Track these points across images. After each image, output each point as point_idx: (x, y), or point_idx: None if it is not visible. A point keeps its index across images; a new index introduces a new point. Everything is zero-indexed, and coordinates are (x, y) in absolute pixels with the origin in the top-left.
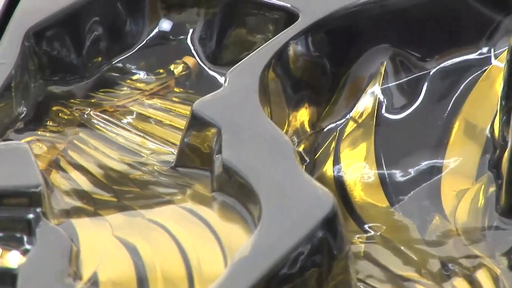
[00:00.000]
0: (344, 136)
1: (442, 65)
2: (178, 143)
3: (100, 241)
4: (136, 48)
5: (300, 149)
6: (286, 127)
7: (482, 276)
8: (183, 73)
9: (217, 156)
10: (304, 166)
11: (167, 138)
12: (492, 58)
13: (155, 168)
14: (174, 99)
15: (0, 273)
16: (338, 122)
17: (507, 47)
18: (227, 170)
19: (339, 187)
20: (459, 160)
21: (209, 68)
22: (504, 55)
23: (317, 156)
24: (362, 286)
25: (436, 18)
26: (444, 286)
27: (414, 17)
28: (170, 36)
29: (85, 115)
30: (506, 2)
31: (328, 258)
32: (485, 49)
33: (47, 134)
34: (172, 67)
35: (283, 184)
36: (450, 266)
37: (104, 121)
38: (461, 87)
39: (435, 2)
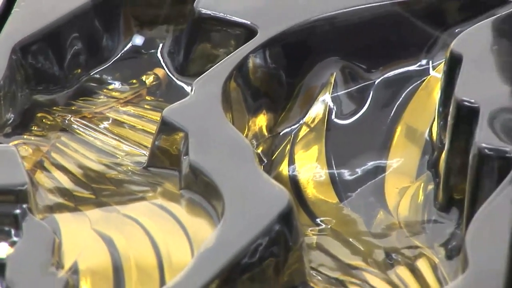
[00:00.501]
0: (298, 139)
1: (385, 75)
2: (149, 145)
3: (79, 234)
4: (112, 61)
5: (259, 151)
6: (246, 131)
7: (422, 264)
8: (154, 83)
9: (184, 157)
10: (262, 166)
11: (140, 141)
12: (431, 69)
13: (129, 168)
14: (146, 106)
15: None
16: (293, 127)
17: (444, 60)
18: (194, 170)
19: (294, 185)
20: (401, 161)
21: (177, 79)
22: (441, 67)
23: (274, 157)
24: (314, 273)
25: (380, 34)
26: (388, 274)
27: (360, 33)
28: (142, 50)
29: (66, 121)
30: (442, 19)
31: (284, 249)
32: (424, 61)
33: (32, 138)
34: (144, 77)
35: (244, 182)
36: (394, 255)
37: (83, 126)
38: (403, 96)
39: (379, 19)
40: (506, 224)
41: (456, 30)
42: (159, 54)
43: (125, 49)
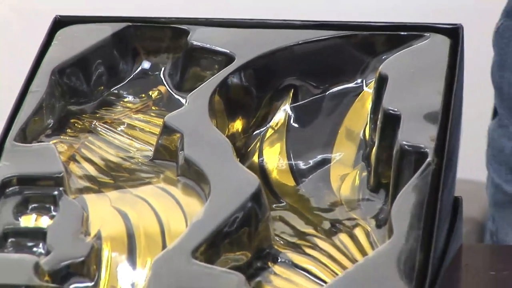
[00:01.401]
0: (265, 138)
1: (331, 91)
2: (154, 143)
3: (102, 210)
4: (127, 80)
5: (236, 147)
6: (226, 133)
7: (358, 232)
8: (158, 97)
9: (180, 152)
10: (238, 159)
11: (148, 140)
12: (364, 86)
13: (139, 160)
14: (152, 114)
15: (36, 231)
16: (262, 129)
17: (374, 79)
18: (187, 162)
19: (262, 172)
20: (342, 155)
21: (175, 94)
22: (372, 84)
23: (247, 152)
24: (277, 239)
25: (327, 60)
26: (333, 239)
27: (312, 59)
28: (149, 72)
29: (92, 125)
30: (373, 49)
31: (255, 221)
32: (359, 80)
33: (67, 138)
34: (150, 93)
35: (225, 171)
36: (337, 225)
37: (105, 129)
38: (344, 106)
39: (326, 49)
40: (421, 201)
41: (383, 57)
42: (161, 75)
43: (136, 71)
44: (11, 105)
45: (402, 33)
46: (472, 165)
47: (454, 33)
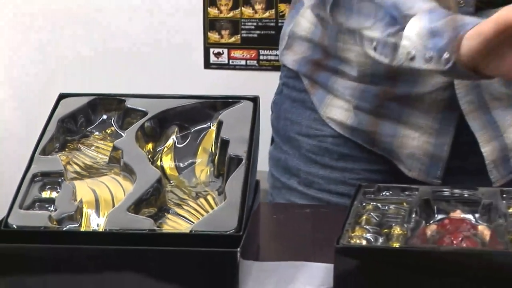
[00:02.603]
0: (163, 152)
1: (195, 128)
2: (109, 155)
3: (82, 188)
4: (94, 125)
5: (149, 156)
6: (144, 150)
7: (209, 198)
8: (110, 132)
9: (121, 159)
10: (150, 162)
11: (106, 154)
12: (211, 126)
13: (102, 164)
14: (108, 140)
15: (49, 200)
16: (161, 148)
17: (216, 122)
18: (125, 164)
19: (161, 169)
20: (201, 160)
21: (119, 131)
22: (215, 125)
23: (154, 159)
24: (169, 201)
25: (192, 113)
26: (197, 201)
27: (186, 112)
28: (106, 120)
29: (78, 147)
30: (215, 107)
31: (158, 192)
32: (209, 123)
33: (65, 153)
34: (107, 130)
35: (143, 168)
36: (199, 194)
37: (84, 148)
38: (202, 135)
39: (193, 108)
40: (240, 182)
41: (220, 112)
42: (112, 122)
43: (100, 120)
44: (39, 131)
45: (230, 100)
46: (263, 166)
47: (254, 100)
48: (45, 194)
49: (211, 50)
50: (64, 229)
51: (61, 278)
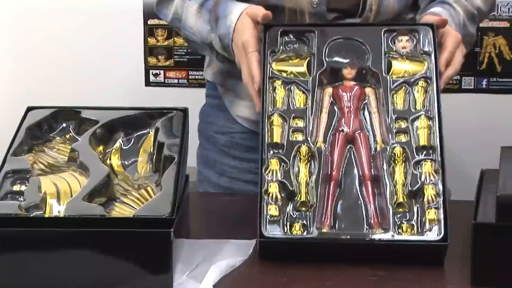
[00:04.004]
0: (112, 153)
1: (137, 133)
2: (68, 155)
3: (46, 183)
4: (56, 131)
5: (100, 156)
6: (95, 151)
7: (149, 189)
8: (69, 137)
9: (78, 159)
10: (100, 161)
11: (65, 154)
12: (151, 131)
13: (62, 163)
14: (67, 144)
15: (19, 192)
16: (110, 149)
17: (154, 130)
18: (81, 163)
19: (111, 167)
20: (141, 158)
21: (76, 136)
22: (153, 132)
23: (104, 159)
24: (117, 192)
25: (135, 121)
26: (139, 192)
27: (129, 122)
28: (65, 128)
29: (42, 149)
30: (154, 117)
31: (107, 185)
32: (148, 129)
33: (32, 154)
34: (66, 136)
35: (95, 165)
36: (140, 186)
37: (48, 150)
38: (142, 140)
39: (135, 117)
40: (172, 176)
41: (158, 120)
42: (70, 129)
43: (61, 127)
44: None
45: (165, 111)
46: (192, 163)
47: (184, 111)
48: (16, 188)
49: (151, 71)
50: (31, 215)
51: (29, 256)
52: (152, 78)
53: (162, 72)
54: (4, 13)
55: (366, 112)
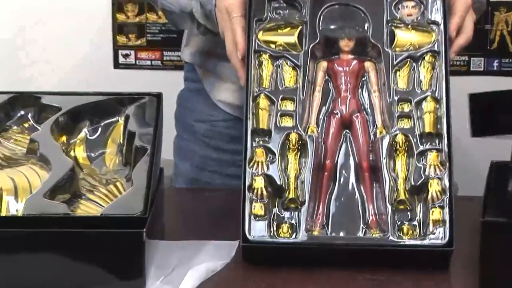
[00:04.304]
0: (76, 144)
1: (105, 122)
2: (27, 147)
3: (3, 177)
4: (13, 120)
5: (63, 148)
6: (58, 142)
7: (118, 184)
8: (27, 126)
9: (38, 150)
10: (64, 153)
11: (24, 146)
12: (120, 119)
13: (20, 155)
14: (25, 134)
15: None
16: (74, 140)
17: (124, 117)
18: (41, 155)
19: (75, 159)
20: (110, 150)
21: (36, 125)
22: (123, 119)
23: (67, 150)
24: (82, 188)
25: (103, 107)
26: (107, 187)
27: (97, 108)
28: (24, 116)
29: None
30: (124, 103)
31: (72, 179)
32: (118, 117)
33: None
34: (25, 124)
35: (57, 157)
36: (109, 181)
37: (4, 141)
38: (110, 129)
39: (102, 103)
40: (145, 169)
41: (128, 107)
42: (29, 117)
43: (18, 115)
44: None
45: (136, 96)
46: (168, 155)
47: (158, 97)
48: None
49: (120, 51)
50: None
51: None
52: (121, 59)
53: (132, 52)
54: None
55: (365, 92)
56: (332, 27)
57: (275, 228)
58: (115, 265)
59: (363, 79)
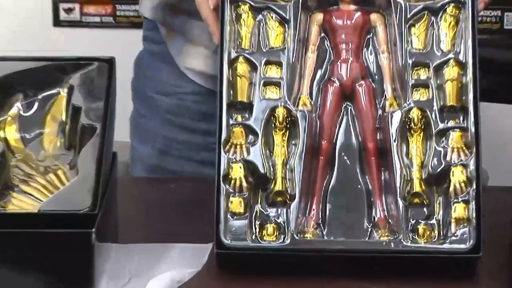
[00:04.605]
0: (6, 122)
1: (43, 94)
2: None
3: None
4: None
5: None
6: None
7: (60, 173)
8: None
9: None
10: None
11: None
12: (62, 91)
13: None
14: None
15: None
16: (3, 118)
17: (67, 87)
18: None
19: (5, 141)
20: (49, 130)
21: None
22: (66, 90)
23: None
24: (14, 177)
25: (39, 75)
26: (46, 177)
27: (33, 75)
28: None
29: None
30: (66, 70)
31: (2, 167)
32: (59, 89)
33: None
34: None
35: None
36: (48, 169)
37: None
38: (50, 102)
39: (45, 69)
40: (94, 155)
41: (71, 75)
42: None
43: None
44: None
45: (82, 62)
46: (123, 136)
47: (110, 62)
48: None
49: (61, 5)
50: None
51: None
52: (63, 15)
53: (77, 6)
54: None
55: (371, 53)
56: None
57: (257, 229)
58: (56, 273)
59: (369, 36)
